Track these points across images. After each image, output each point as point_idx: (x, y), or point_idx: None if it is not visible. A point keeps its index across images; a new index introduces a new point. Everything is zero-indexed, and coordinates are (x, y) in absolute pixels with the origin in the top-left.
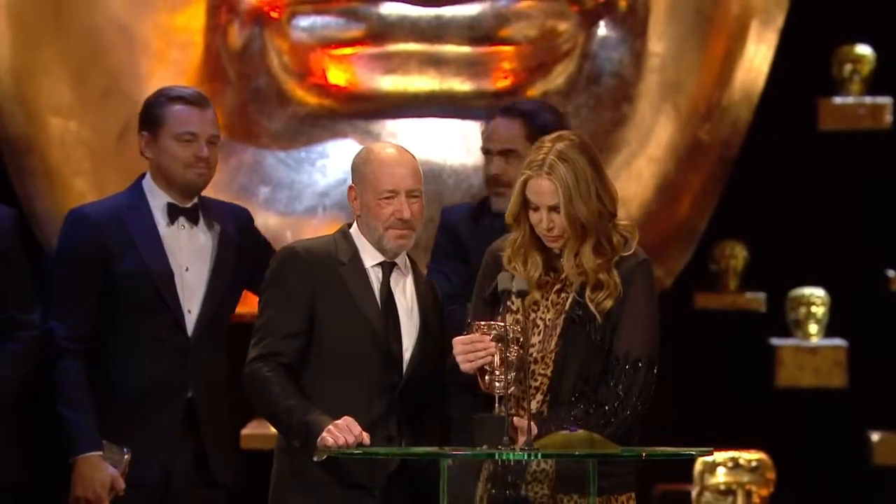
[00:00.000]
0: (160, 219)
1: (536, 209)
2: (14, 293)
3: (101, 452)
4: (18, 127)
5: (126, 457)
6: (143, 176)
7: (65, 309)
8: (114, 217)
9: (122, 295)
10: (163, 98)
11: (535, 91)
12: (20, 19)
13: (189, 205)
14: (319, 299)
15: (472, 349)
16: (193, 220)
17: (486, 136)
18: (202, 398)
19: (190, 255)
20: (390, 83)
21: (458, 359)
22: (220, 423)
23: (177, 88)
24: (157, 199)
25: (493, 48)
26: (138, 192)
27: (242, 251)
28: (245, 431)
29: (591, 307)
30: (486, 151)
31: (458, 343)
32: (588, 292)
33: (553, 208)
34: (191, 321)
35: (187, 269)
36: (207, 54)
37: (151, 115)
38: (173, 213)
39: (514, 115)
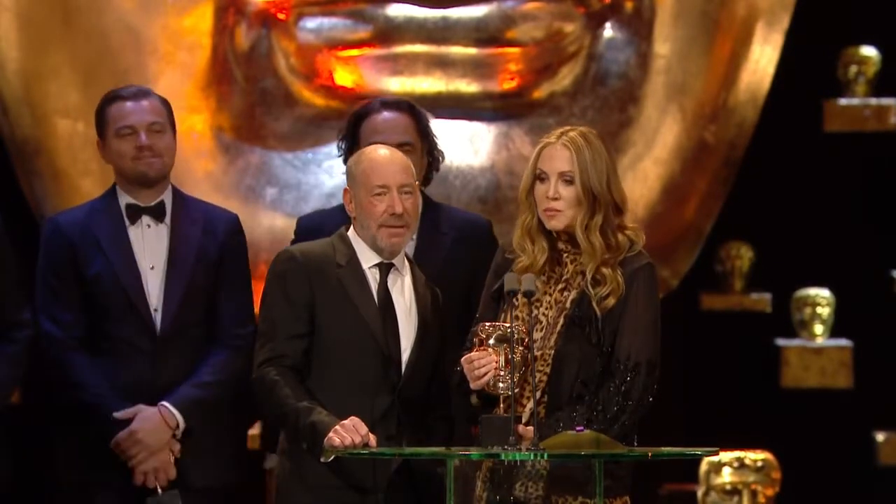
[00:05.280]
0: (127, 219)
1: (545, 179)
2: (6, 294)
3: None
4: (26, 129)
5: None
6: None
7: (56, 312)
8: (83, 221)
9: (94, 298)
10: (103, 102)
11: (541, 92)
12: (28, 21)
13: (153, 203)
14: (318, 302)
15: (475, 367)
16: (158, 218)
17: (372, 130)
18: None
19: (155, 253)
20: (397, 84)
21: (469, 377)
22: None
23: (118, 89)
24: (123, 200)
25: (500, 50)
26: (111, 195)
27: (222, 252)
28: (252, 432)
29: (594, 304)
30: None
31: (465, 363)
32: (591, 285)
33: (563, 176)
34: (157, 320)
35: (152, 268)
36: (215, 56)
37: (98, 121)
38: (134, 213)
39: (401, 109)
